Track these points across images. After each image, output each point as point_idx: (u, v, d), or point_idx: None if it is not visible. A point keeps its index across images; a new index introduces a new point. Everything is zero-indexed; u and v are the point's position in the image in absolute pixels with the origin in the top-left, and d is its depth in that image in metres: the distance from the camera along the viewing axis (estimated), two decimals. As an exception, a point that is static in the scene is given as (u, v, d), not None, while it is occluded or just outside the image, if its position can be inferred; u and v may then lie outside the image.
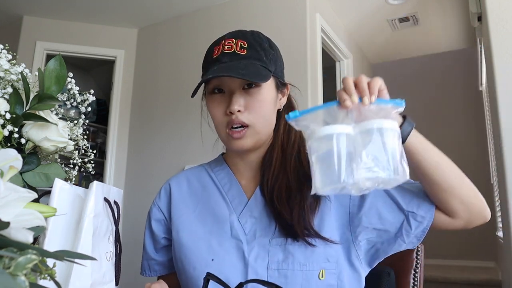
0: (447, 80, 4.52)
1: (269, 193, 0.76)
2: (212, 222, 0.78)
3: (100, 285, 0.60)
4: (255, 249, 0.73)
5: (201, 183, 0.85)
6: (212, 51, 0.77)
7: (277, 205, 0.73)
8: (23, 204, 0.38)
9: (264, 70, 0.73)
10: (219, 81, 0.75)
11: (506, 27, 1.90)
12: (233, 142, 0.75)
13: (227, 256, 0.74)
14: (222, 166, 0.85)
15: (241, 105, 0.73)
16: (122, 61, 3.35)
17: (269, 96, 0.76)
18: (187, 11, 3.12)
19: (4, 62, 0.66)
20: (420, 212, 0.70)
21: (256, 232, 0.75)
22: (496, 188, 2.82)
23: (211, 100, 0.78)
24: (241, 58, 0.73)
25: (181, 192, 0.85)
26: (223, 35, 0.78)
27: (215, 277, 0.61)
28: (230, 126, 0.74)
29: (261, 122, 0.75)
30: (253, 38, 0.76)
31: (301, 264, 0.70)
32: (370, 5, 3.04)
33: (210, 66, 0.76)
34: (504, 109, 1.84)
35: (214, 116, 0.78)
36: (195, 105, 3.15)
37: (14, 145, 0.64)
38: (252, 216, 0.76)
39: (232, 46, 0.74)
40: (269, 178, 0.77)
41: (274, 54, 0.78)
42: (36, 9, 3.12)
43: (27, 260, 0.31)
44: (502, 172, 1.89)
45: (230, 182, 0.82)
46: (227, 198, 0.80)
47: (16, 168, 0.39)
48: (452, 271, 3.42)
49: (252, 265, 0.71)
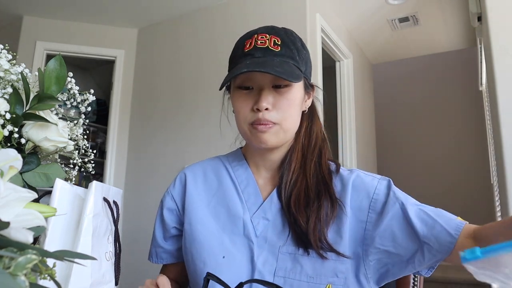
0: (447, 80, 4.52)
1: (286, 197, 0.73)
2: (225, 218, 0.77)
3: (100, 285, 0.60)
4: (264, 253, 0.71)
5: (218, 176, 0.82)
6: (243, 44, 0.74)
7: (294, 212, 0.71)
8: (23, 204, 0.38)
9: (297, 70, 0.71)
10: (249, 77, 0.72)
11: (506, 27, 1.90)
12: (257, 136, 0.72)
13: (238, 255, 0.72)
14: (241, 162, 0.82)
15: (269, 102, 0.70)
16: (122, 61, 3.35)
17: (297, 97, 0.74)
18: (187, 11, 3.12)
19: (4, 62, 0.66)
20: (436, 246, 0.65)
21: (267, 235, 0.73)
22: (496, 188, 2.82)
23: (238, 95, 0.74)
24: (275, 55, 0.71)
25: (197, 183, 0.82)
26: (254, 29, 0.75)
27: (214, 276, 0.61)
28: (255, 124, 0.71)
29: (288, 121, 0.72)
30: (286, 36, 0.74)
31: (308, 276, 0.68)
32: (370, 5, 3.03)
33: (241, 60, 0.72)
34: (504, 109, 1.84)
35: (239, 111, 0.74)
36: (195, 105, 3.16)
37: (14, 145, 0.64)
38: (265, 218, 0.74)
39: (265, 41, 0.72)
40: (287, 182, 0.75)
41: (305, 54, 0.76)
42: (36, 9, 3.12)
43: (27, 260, 0.31)
44: (502, 172, 1.89)
45: (248, 180, 0.79)
46: (242, 196, 0.78)
47: (16, 168, 0.39)
48: (452, 271, 3.42)
49: (259, 269, 0.70)
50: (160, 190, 1.36)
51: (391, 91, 4.70)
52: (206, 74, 2.94)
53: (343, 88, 3.26)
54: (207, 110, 2.85)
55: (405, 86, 4.74)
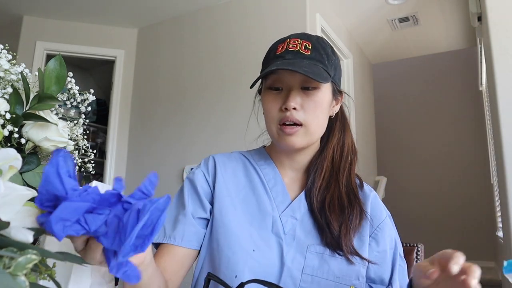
0: (447, 80, 4.52)
1: (319, 201, 0.76)
2: (254, 213, 0.77)
3: (100, 285, 0.60)
4: (293, 250, 0.73)
5: (246, 173, 0.83)
6: (276, 48, 0.78)
7: (328, 215, 0.74)
8: (22, 202, 0.38)
9: (325, 73, 0.74)
10: (278, 77, 0.75)
11: (506, 27, 1.90)
12: (284, 138, 0.75)
13: (267, 250, 0.73)
14: (267, 161, 0.84)
15: (297, 103, 0.73)
16: (122, 61, 3.35)
17: (325, 100, 0.77)
18: (187, 11, 3.12)
19: (4, 62, 0.66)
20: None
21: (295, 234, 0.75)
22: (496, 188, 2.82)
23: (267, 95, 0.77)
24: (305, 58, 0.74)
25: (226, 172, 0.82)
26: (288, 35, 0.80)
27: (215, 277, 0.61)
28: (283, 123, 0.74)
29: (314, 123, 0.75)
30: (317, 42, 0.78)
31: (335, 276, 0.71)
32: (370, 5, 3.04)
33: (272, 61, 0.76)
34: (504, 109, 1.84)
35: (269, 111, 0.77)
36: (195, 105, 3.16)
37: (14, 145, 0.64)
38: (293, 217, 0.76)
39: (296, 45, 0.76)
40: (318, 187, 0.77)
41: (335, 60, 0.79)
42: (36, 9, 3.12)
43: (27, 260, 0.31)
44: (502, 172, 1.89)
45: (275, 179, 0.81)
46: (271, 194, 0.79)
47: (16, 168, 0.39)
48: (452, 271, 3.41)
49: (288, 266, 0.72)
50: (160, 190, 1.36)
51: (391, 91, 4.70)
52: (206, 74, 2.94)
53: (343, 88, 3.25)
54: (208, 110, 2.85)
55: (405, 86, 4.74)
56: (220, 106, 2.79)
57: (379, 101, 4.36)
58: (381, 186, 3.54)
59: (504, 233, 2.13)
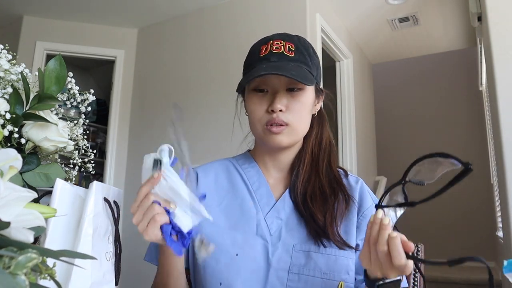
0: (447, 80, 4.52)
1: (301, 195, 0.77)
2: (238, 217, 0.78)
3: (100, 285, 0.60)
4: (279, 251, 0.74)
5: (229, 178, 0.85)
6: (258, 49, 0.78)
7: (311, 207, 0.75)
8: (23, 204, 0.38)
9: (309, 74, 0.76)
10: (264, 80, 0.76)
11: (506, 27, 1.90)
12: (271, 137, 0.76)
13: (251, 252, 0.74)
14: (251, 164, 0.85)
15: (283, 104, 0.75)
16: (122, 61, 3.35)
17: (309, 100, 0.78)
18: (187, 11, 3.12)
19: (4, 62, 0.66)
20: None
21: (280, 234, 0.75)
22: (496, 188, 2.82)
23: (252, 97, 0.78)
24: (289, 60, 0.76)
25: (208, 183, 0.83)
26: (269, 35, 0.80)
27: None
28: (269, 124, 0.75)
29: (299, 123, 0.77)
30: (300, 43, 0.79)
31: (322, 272, 0.71)
32: (370, 5, 3.03)
33: (257, 63, 0.77)
34: (504, 109, 1.84)
35: (254, 112, 0.78)
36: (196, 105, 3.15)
37: (14, 145, 0.64)
38: (278, 218, 0.77)
39: (280, 47, 0.77)
40: (300, 181, 0.79)
41: (316, 60, 0.81)
42: (36, 9, 3.12)
43: (27, 259, 0.31)
44: (502, 172, 1.89)
45: (259, 181, 0.82)
46: (255, 196, 0.80)
47: (16, 168, 0.39)
48: (452, 271, 3.42)
49: (274, 267, 0.72)
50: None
51: (391, 91, 4.70)
52: (206, 74, 2.94)
53: (343, 88, 3.26)
54: (208, 110, 2.85)
55: (405, 85, 4.74)
56: (222, 108, 2.79)
57: (379, 101, 4.36)
58: (381, 186, 3.54)
59: (504, 233, 2.13)
